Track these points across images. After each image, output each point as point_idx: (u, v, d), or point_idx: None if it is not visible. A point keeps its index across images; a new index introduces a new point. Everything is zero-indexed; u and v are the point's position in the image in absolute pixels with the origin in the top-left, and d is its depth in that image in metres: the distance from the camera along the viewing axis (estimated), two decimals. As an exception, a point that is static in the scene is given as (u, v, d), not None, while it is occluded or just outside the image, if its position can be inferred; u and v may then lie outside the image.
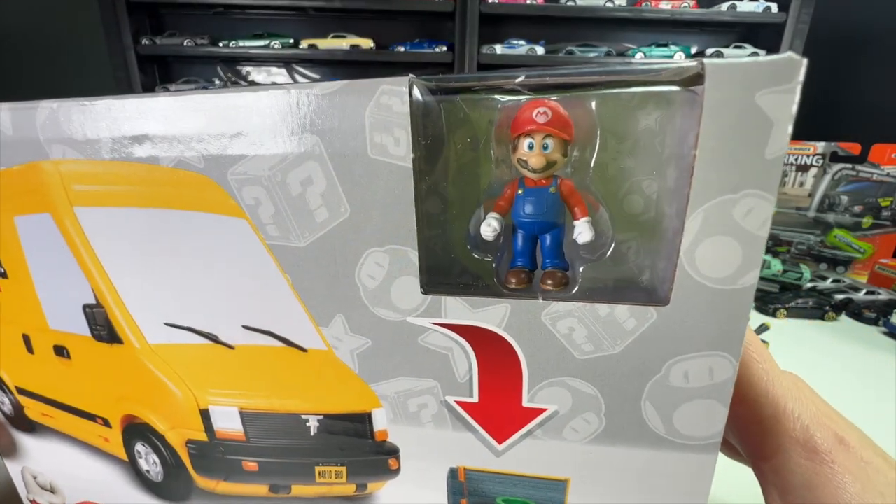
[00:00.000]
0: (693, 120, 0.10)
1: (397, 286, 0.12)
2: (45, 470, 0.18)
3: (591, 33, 0.96)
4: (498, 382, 0.12)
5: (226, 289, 0.13)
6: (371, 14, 0.90)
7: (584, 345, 0.11)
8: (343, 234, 0.12)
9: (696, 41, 1.03)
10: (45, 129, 0.13)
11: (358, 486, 0.15)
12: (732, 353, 0.11)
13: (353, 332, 0.13)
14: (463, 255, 0.12)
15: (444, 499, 0.14)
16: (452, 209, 0.12)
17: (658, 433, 0.12)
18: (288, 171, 0.12)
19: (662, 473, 0.12)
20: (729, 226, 0.10)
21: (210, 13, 1.04)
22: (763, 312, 0.52)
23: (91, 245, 0.14)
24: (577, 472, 0.13)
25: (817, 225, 0.64)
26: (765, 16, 0.93)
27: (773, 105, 0.09)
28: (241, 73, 1.10)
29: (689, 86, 0.10)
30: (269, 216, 0.12)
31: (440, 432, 0.13)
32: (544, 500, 0.13)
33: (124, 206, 0.13)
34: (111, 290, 0.14)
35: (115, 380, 0.16)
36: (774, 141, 0.09)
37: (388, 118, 0.11)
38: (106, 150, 0.13)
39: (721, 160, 0.10)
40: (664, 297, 0.11)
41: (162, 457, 0.16)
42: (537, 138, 0.11)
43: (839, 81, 1.17)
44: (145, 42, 1.02)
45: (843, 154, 0.63)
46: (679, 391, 0.11)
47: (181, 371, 0.15)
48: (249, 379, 0.14)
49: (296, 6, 0.93)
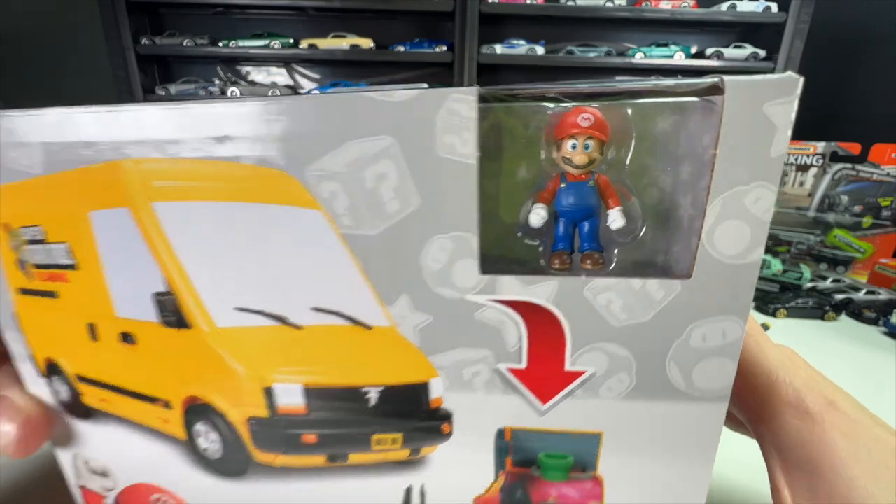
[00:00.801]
0: (707, 124, 0.12)
1: (458, 268, 0.14)
2: (98, 454, 0.19)
3: (591, 33, 0.97)
4: (544, 350, 0.14)
5: (298, 274, 0.15)
6: (371, 14, 0.91)
7: (619, 314, 0.14)
8: (412, 223, 0.13)
9: (695, 41, 1.03)
10: (128, 131, 0.14)
11: (412, 452, 0.17)
12: (742, 317, 0.13)
13: (416, 310, 0.14)
14: (514, 240, 0.14)
15: (491, 459, 0.16)
16: (506, 200, 0.14)
17: (679, 388, 0.14)
18: (364, 168, 0.13)
19: (681, 423, 0.15)
20: (741, 212, 0.12)
21: (210, 13, 1.04)
22: (763, 312, 0.52)
23: (167, 237, 0.15)
24: (609, 425, 0.15)
25: (817, 225, 0.64)
26: (765, 15, 0.94)
27: (777, 113, 0.12)
28: (241, 73, 1.09)
29: (706, 96, 0.12)
30: (344, 208, 0.14)
31: (490, 397, 0.15)
32: (580, 452, 0.16)
33: (202, 200, 0.14)
34: (184, 278, 0.15)
35: (180, 363, 0.17)
36: (778, 142, 0.12)
37: (457, 122, 0.12)
38: (188, 150, 0.14)
39: (736, 158, 0.12)
40: (687, 272, 0.13)
41: (221, 434, 0.18)
42: (580, 139, 0.13)
43: (839, 81, 1.17)
44: (145, 42, 1.01)
45: (843, 154, 0.62)
46: (697, 351, 0.14)
47: (247, 352, 0.16)
48: (314, 357, 0.16)
49: (296, 6, 0.93)
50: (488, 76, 0.96)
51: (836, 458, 0.16)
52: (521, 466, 0.16)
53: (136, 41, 0.99)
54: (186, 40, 0.97)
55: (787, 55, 0.95)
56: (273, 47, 0.94)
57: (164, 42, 1.02)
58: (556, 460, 0.16)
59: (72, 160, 0.14)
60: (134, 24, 1.01)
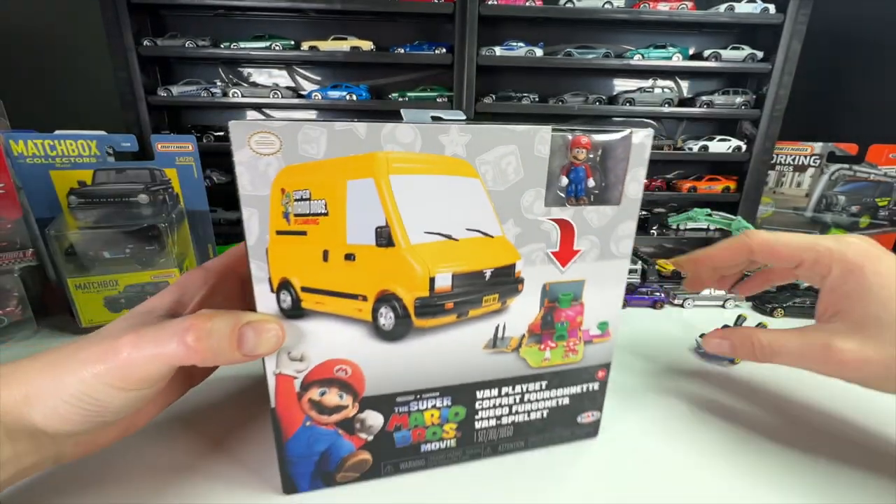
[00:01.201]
0: (625, 148, 0.32)
1: (535, 205, 0.30)
2: (300, 344, 0.30)
3: (590, 35, 1.00)
4: (565, 240, 0.32)
5: (460, 211, 0.29)
6: (371, 16, 0.91)
7: (594, 222, 0.32)
8: (519, 184, 0.30)
9: (694, 42, 1.05)
10: (385, 136, 0.27)
11: (502, 304, 0.33)
12: (633, 219, 0.33)
13: (515, 226, 0.31)
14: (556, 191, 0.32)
15: (538, 301, 0.33)
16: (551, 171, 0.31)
17: (615, 254, 0.34)
18: (501, 159, 0.29)
19: (615, 271, 0.34)
20: (637, 179, 0.32)
21: (211, 15, 0.91)
22: (761, 312, 0.54)
23: (393, 194, 0.28)
24: (588, 276, 0.34)
25: (815, 225, 0.64)
26: (762, 17, 0.95)
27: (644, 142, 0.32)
28: (242, 75, 0.97)
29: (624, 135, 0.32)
30: (490, 177, 0.29)
31: (541, 267, 0.32)
32: (575, 291, 0.34)
33: (416, 174, 0.28)
34: (397, 216, 0.28)
35: (381, 270, 0.29)
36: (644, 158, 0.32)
37: (544, 138, 0.29)
38: (418, 147, 0.27)
39: (635, 160, 0.32)
40: (619, 203, 0.32)
41: (395, 312, 0.30)
42: (580, 150, 0.31)
43: (836, 82, 1.16)
44: (147, 43, 0.83)
45: (841, 154, 0.63)
46: (619, 238, 0.33)
47: (424, 257, 0.30)
48: (461, 255, 0.30)
49: (296, 8, 0.88)
50: (487, 77, 0.99)
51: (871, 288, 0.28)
52: (551, 302, 0.34)
53: (138, 42, 0.90)
54: (188, 42, 0.86)
55: (784, 56, 0.97)
56: (274, 49, 0.89)
57: (166, 43, 0.88)
58: (566, 296, 0.34)
59: (345, 151, 0.26)
60: (135, 26, 0.84)
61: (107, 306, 0.53)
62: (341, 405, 0.31)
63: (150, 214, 0.53)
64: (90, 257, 0.51)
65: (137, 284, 0.53)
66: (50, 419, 0.26)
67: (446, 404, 0.34)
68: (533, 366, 0.35)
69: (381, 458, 0.34)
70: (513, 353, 0.34)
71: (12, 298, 0.52)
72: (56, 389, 0.26)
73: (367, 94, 0.93)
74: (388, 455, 0.34)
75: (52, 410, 0.26)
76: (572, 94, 0.97)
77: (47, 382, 0.26)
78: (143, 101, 0.91)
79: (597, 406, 0.38)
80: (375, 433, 0.33)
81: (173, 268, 0.54)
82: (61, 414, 0.26)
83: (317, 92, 0.93)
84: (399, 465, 0.35)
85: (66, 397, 0.26)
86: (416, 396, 0.33)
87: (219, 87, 0.94)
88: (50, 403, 0.26)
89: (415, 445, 0.34)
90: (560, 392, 0.37)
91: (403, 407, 0.33)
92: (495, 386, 0.34)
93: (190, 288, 0.33)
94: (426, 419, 0.34)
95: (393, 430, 0.33)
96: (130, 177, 0.54)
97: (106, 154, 0.54)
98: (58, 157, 0.52)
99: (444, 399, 0.34)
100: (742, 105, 1.02)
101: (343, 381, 0.31)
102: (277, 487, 0.33)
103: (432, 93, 0.94)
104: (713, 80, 1.09)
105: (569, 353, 0.35)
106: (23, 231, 0.53)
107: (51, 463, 0.29)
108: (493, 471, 0.36)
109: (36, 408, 0.26)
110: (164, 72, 0.97)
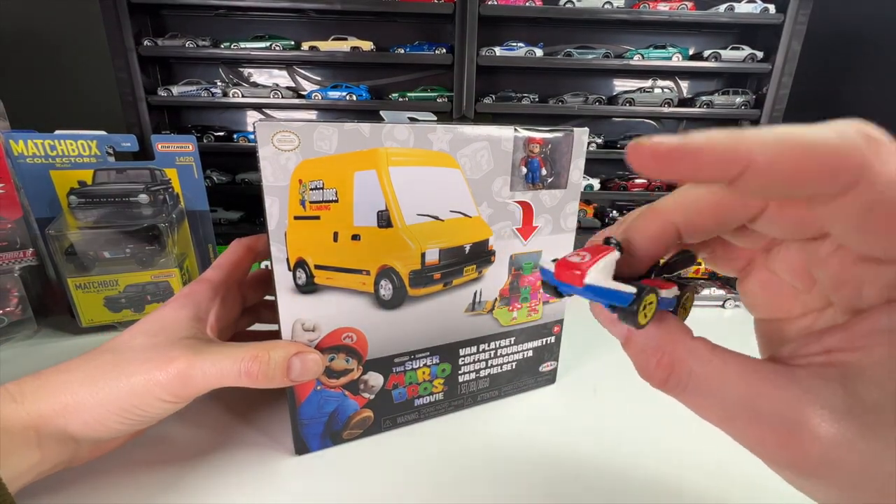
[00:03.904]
0: (566, 146, 0.40)
1: (503, 190, 0.37)
2: (313, 316, 0.34)
3: (590, 35, 0.97)
4: (526, 219, 0.40)
5: (445, 197, 0.35)
6: (371, 16, 0.88)
7: (548, 203, 0.40)
8: (490, 173, 0.36)
9: (693, 42, 1.03)
10: (385, 135, 0.32)
11: (479, 273, 0.39)
12: (576, 200, 0.42)
13: (488, 208, 0.37)
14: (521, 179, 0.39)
15: (506, 269, 0.40)
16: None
17: (564, 229, 0.42)
18: (476, 153, 0.35)
19: (563, 243, 0.42)
20: (577, 168, 0.40)
21: (212, 15, 0.84)
22: None
23: (392, 182, 0.33)
24: (545, 247, 0.41)
25: None
26: (762, 17, 0.92)
27: (582, 139, 0.40)
28: (242, 75, 0.89)
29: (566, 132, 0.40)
30: (468, 168, 0.35)
31: (508, 241, 0.39)
32: (535, 259, 0.41)
33: (410, 166, 0.33)
34: (395, 202, 0.34)
35: (381, 248, 0.34)
36: (583, 151, 0.40)
37: (508, 136, 0.36)
38: (411, 143, 0.33)
39: (576, 153, 0.40)
40: (566, 186, 0.41)
41: (393, 283, 0.36)
42: (535, 145, 0.39)
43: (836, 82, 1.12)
44: (147, 43, 0.75)
45: None
46: (566, 214, 0.42)
47: (416, 236, 0.35)
48: (446, 233, 0.36)
49: (297, 8, 0.83)
50: (487, 78, 0.98)
51: None
52: (517, 270, 0.41)
53: (138, 42, 0.83)
54: (188, 42, 0.78)
55: (784, 56, 0.94)
56: (274, 49, 0.83)
57: (167, 44, 0.80)
58: (528, 265, 0.41)
59: (352, 147, 0.31)
60: (136, 26, 0.74)
61: (107, 306, 0.53)
62: (348, 368, 0.36)
63: (151, 214, 0.54)
64: (90, 257, 0.51)
65: (138, 284, 0.53)
66: (90, 427, 0.28)
67: (435, 362, 0.40)
68: (504, 325, 0.42)
69: (381, 414, 0.39)
70: (487, 314, 0.41)
71: (12, 298, 0.51)
72: (99, 400, 0.28)
73: (367, 94, 0.93)
74: (387, 411, 0.39)
75: (95, 420, 0.28)
76: (572, 94, 0.99)
77: (88, 394, 0.28)
78: (143, 101, 0.85)
79: (554, 356, 0.47)
80: (377, 392, 0.38)
81: (173, 267, 0.54)
82: (103, 423, 0.28)
83: (317, 92, 0.91)
84: (396, 419, 0.40)
85: (112, 408, 0.28)
86: (410, 357, 0.38)
87: (219, 87, 0.90)
88: (93, 414, 0.28)
89: (410, 401, 0.40)
90: (525, 346, 0.44)
91: (400, 367, 0.38)
92: (474, 343, 0.41)
93: (202, 303, 0.35)
94: (419, 376, 0.39)
95: (392, 388, 0.39)
96: (131, 177, 0.53)
97: (106, 154, 0.54)
98: (58, 157, 0.50)
99: (433, 357, 0.40)
100: (742, 105, 1.00)
101: (350, 347, 0.36)
102: (290, 450, 0.37)
103: (432, 93, 0.96)
104: (713, 80, 1.07)
105: (531, 312, 0.43)
106: (23, 231, 0.52)
107: (65, 465, 0.30)
108: (473, 419, 0.42)
109: (75, 417, 0.28)
110: (165, 72, 0.90)
